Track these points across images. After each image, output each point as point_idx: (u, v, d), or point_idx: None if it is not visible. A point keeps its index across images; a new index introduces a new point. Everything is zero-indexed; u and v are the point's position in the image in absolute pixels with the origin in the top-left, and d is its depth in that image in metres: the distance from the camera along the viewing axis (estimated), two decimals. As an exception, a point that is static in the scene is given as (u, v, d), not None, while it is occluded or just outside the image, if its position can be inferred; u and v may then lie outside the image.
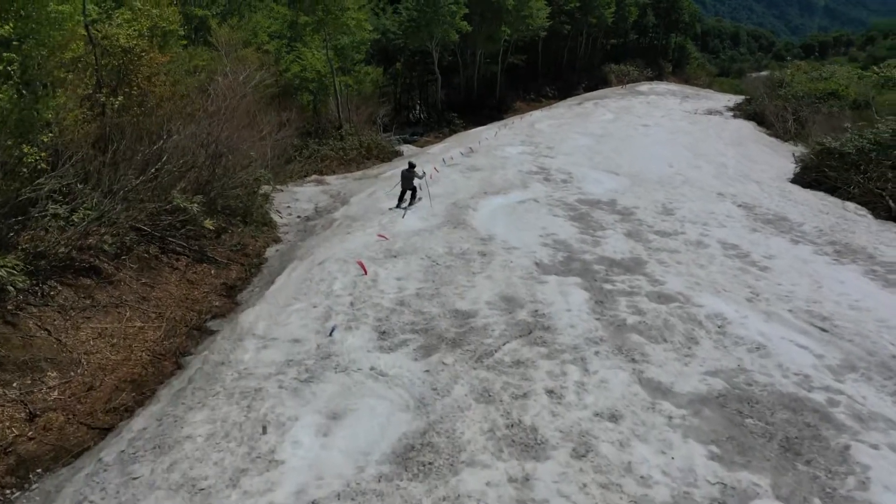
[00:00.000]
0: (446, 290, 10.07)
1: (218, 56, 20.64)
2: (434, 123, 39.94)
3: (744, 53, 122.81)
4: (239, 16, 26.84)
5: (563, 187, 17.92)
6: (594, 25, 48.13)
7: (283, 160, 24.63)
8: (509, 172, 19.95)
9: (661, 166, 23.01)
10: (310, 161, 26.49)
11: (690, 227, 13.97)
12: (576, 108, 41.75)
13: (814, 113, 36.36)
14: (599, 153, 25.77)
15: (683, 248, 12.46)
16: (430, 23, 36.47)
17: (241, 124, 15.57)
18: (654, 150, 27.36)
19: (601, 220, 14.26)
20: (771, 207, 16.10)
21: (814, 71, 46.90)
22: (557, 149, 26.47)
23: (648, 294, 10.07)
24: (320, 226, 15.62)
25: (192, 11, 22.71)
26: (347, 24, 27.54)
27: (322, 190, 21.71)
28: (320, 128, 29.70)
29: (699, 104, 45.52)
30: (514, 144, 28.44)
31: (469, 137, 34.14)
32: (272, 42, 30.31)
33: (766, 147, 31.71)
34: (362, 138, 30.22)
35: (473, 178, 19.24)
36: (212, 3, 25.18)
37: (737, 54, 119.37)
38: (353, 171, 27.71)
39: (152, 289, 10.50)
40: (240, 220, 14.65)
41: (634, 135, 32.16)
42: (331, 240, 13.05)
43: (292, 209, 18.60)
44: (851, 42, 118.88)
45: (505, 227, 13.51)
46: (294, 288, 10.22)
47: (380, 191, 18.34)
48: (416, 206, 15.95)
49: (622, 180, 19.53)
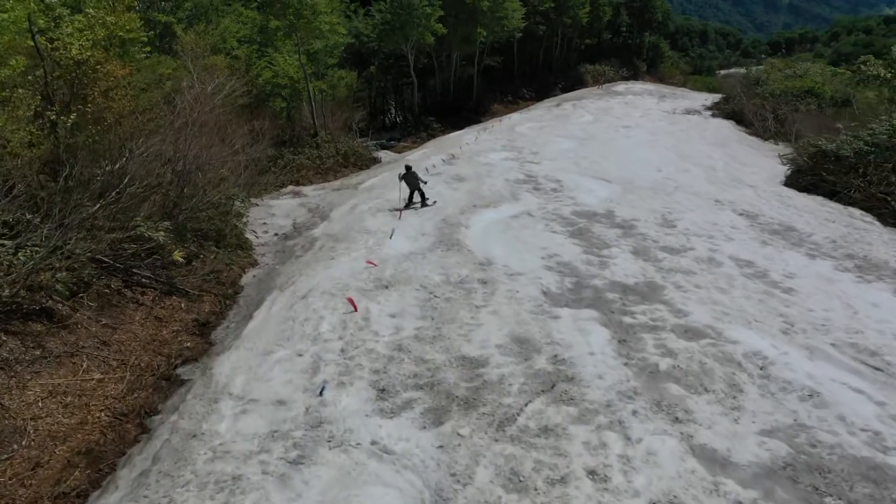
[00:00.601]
0: (449, 329, 8.97)
1: (184, 65, 19.29)
2: (411, 128, 38.87)
3: (712, 51, 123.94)
4: (206, 21, 25.41)
5: (556, 198, 17.02)
6: (569, 26, 47.51)
7: (257, 172, 23.38)
8: (497, 182, 19.00)
9: (650, 171, 22.31)
10: (285, 171, 25.25)
11: (697, 241, 13.15)
12: (554, 110, 41.05)
13: (792, 111, 36.17)
14: (585, 157, 25.01)
15: (697, 267, 11.58)
16: (404, 25, 35.40)
17: (210, 139, 14.34)
18: (640, 153, 26.71)
19: (603, 236, 13.37)
20: (774, 216, 15.41)
21: (787, 68, 46.96)
22: (542, 154, 25.62)
23: (674, 328, 9.08)
24: (300, 246, 14.48)
25: (155, 17, 21.28)
26: (320, 28, 26.31)
27: (300, 203, 20.51)
28: (295, 136, 28.44)
29: (677, 103, 45.19)
30: (497, 150, 27.53)
31: (448, 142, 33.17)
32: (242, 47, 28.98)
33: (749, 147, 31.34)
34: (339, 146, 29.04)
35: (460, 189, 18.24)
36: (177, 9, 23.74)
37: (706, 52, 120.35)
38: (331, 181, 26.53)
39: (114, 331, 9.28)
40: (212, 243, 13.44)
41: (616, 137, 31.52)
42: (313, 266, 11.90)
43: (269, 226, 17.40)
44: (817, 39, 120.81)
45: (503, 248, 12.51)
46: (275, 329, 9.06)
47: (362, 204, 17.27)
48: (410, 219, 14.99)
49: (614, 188, 18.72)
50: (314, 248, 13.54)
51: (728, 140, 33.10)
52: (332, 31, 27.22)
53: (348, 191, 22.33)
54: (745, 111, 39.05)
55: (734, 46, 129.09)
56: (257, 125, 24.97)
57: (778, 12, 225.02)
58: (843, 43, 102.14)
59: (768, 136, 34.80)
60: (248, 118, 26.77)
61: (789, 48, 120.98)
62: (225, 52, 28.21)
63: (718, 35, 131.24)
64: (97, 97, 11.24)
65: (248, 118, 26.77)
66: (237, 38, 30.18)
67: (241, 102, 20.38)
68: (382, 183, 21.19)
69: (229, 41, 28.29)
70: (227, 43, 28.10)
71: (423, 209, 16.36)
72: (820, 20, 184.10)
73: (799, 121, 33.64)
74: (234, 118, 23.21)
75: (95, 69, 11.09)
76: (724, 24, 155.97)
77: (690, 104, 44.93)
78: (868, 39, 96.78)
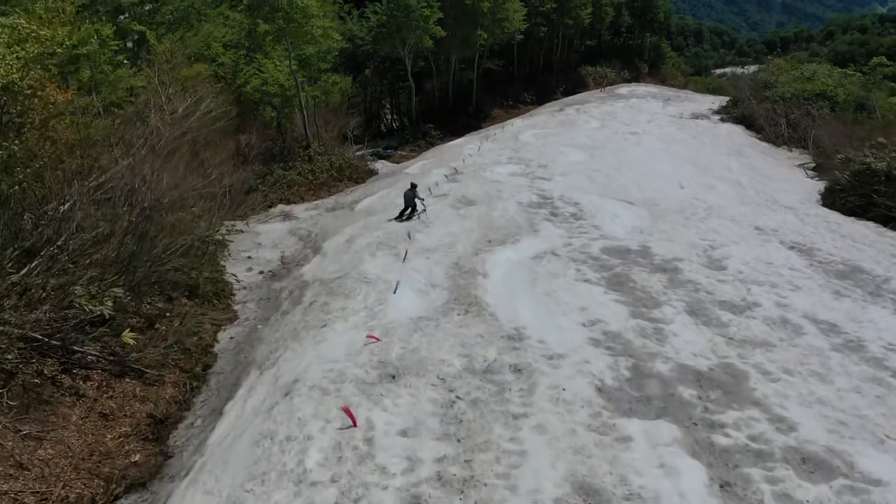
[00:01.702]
0: (482, 464, 6.52)
1: (159, 78, 16.87)
2: (409, 135, 36.54)
3: (707, 50, 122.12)
4: (187, 27, 22.99)
5: (579, 228, 14.79)
6: (570, 27, 45.23)
7: (243, 192, 21.06)
8: (509, 206, 16.74)
9: (671, 188, 20.13)
10: (275, 188, 22.93)
11: (758, 290, 10.92)
12: (558, 116, 38.80)
13: (804, 116, 34.14)
14: (598, 171, 22.80)
15: (774, 336, 9.29)
16: (401, 28, 33.04)
17: (184, 167, 12.03)
18: (655, 164, 24.53)
19: (647, 287, 11.12)
20: (832, 251, 13.22)
21: (793, 69, 44.88)
22: (551, 168, 23.38)
23: (787, 456, 6.66)
24: (288, 294, 12.21)
25: (128, 25, 18.83)
26: (312, 32, 23.95)
27: (290, 228, 18.20)
28: (286, 148, 26.07)
29: (683, 107, 43.03)
30: (503, 162, 25.28)
31: (449, 152, 30.89)
32: (229, 53, 26.59)
33: (765, 155, 29.21)
34: (333, 158, 26.70)
35: (470, 216, 15.97)
36: (154, 14, 21.31)
37: (700, 51, 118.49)
38: (325, 198, 24.21)
39: (38, 444, 6.99)
40: (184, 296, 11.17)
41: (627, 146, 29.32)
42: (302, 336, 9.59)
43: (253, 261, 15.11)
44: (812, 38, 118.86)
45: (533, 310, 10.17)
46: (247, 454, 6.66)
47: (359, 237, 15.01)
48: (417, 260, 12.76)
49: (639, 212, 16.52)
50: (304, 300, 11.26)
51: (742, 147, 30.96)
52: (324, 36, 24.84)
53: (343, 212, 20.06)
54: (756, 116, 36.94)
55: (729, 45, 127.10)
56: (244, 139, 22.69)
57: (771, 11, 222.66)
58: (839, 42, 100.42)
59: (781, 142, 32.74)
60: (234, 131, 24.47)
61: (784, 47, 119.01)
62: (209, 59, 25.86)
63: (713, 34, 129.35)
64: (32, 129, 8.91)
65: (234, 131, 24.47)
66: (223, 42, 27.80)
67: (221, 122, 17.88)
68: (381, 205, 18.90)
69: (214, 47, 25.91)
70: (212, 49, 25.72)
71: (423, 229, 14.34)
72: (813, 19, 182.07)
73: (813, 126, 31.61)
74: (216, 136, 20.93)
75: (29, 95, 8.76)
76: (718, 24, 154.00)
77: (697, 108, 42.76)
78: (864, 38, 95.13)
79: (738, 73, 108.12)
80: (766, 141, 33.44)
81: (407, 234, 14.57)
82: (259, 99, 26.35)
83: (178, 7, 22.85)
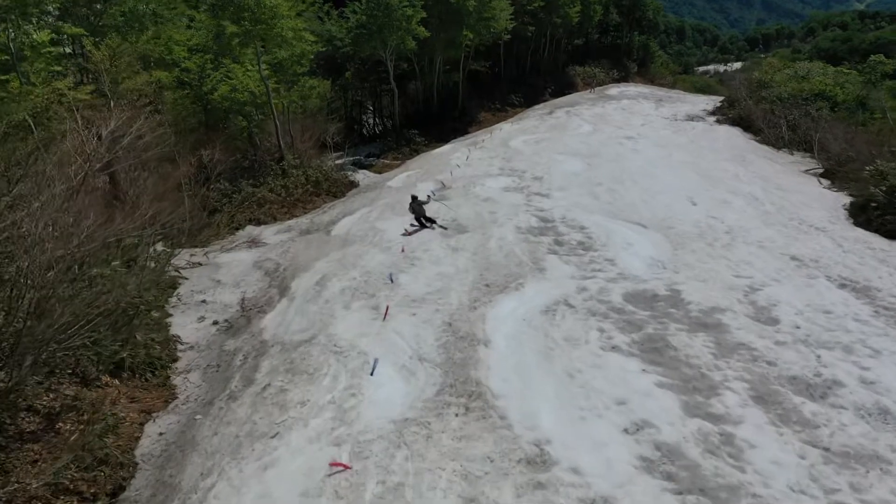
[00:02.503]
0: None
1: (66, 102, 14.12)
2: (392, 142, 34.00)
3: (690, 48, 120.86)
4: (138, 30, 20.29)
5: (591, 263, 12.38)
6: (558, 26, 42.93)
7: (203, 216, 18.52)
8: (507, 233, 14.33)
9: (683, 204, 17.91)
10: (243, 208, 20.37)
11: (830, 358, 8.42)
12: (548, 119, 36.50)
13: (803, 116, 32.20)
14: (599, 184, 20.53)
15: (881, 443, 6.81)
16: (382, 28, 30.54)
17: (104, 211, 9.50)
18: (658, 174, 22.33)
19: (693, 357, 8.59)
20: (893, 291, 11.01)
21: (786, 68, 43.00)
22: (548, 181, 21.07)
23: None
24: (241, 359, 9.73)
25: (61, 28, 16.11)
26: (283, 34, 21.38)
27: (256, 259, 15.67)
28: (257, 161, 23.49)
29: (676, 108, 40.97)
30: (494, 174, 22.92)
31: (435, 161, 28.49)
32: (194, 57, 23.93)
33: (769, 161, 27.11)
34: (309, 171, 24.17)
35: (462, 248, 13.51)
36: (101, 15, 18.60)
37: (683, 49, 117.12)
38: (300, 216, 21.71)
39: None
40: (107, 369, 8.67)
41: (623, 152, 27.11)
42: (243, 453, 6.99)
43: (208, 306, 12.58)
44: (793, 34, 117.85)
45: (555, 409, 7.50)
46: None
47: (333, 280, 12.50)
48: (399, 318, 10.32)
49: (654, 237, 14.22)
50: (257, 378, 8.75)
51: (743, 151, 28.89)
52: (297, 38, 22.26)
53: (318, 236, 17.58)
54: (754, 117, 34.95)
55: (711, 43, 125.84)
56: (207, 155, 20.13)
57: (751, 8, 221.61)
58: (822, 38, 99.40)
59: (782, 145, 30.77)
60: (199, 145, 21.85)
61: (766, 44, 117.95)
62: (170, 64, 23.20)
63: (695, 32, 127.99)
64: None
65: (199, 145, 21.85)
66: (189, 46, 25.13)
67: (165, 145, 15.26)
68: (360, 231, 16.41)
69: (176, 51, 23.25)
70: (174, 53, 23.05)
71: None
72: (793, 16, 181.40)
73: (816, 128, 29.66)
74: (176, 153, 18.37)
75: None
76: (700, 21, 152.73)
77: (690, 109, 40.69)
78: (846, 35, 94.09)
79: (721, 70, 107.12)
80: (765, 143, 31.45)
81: (389, 277, 12.12)
82: (228, 108, 23.79)
83: (131, 9, 20.16)
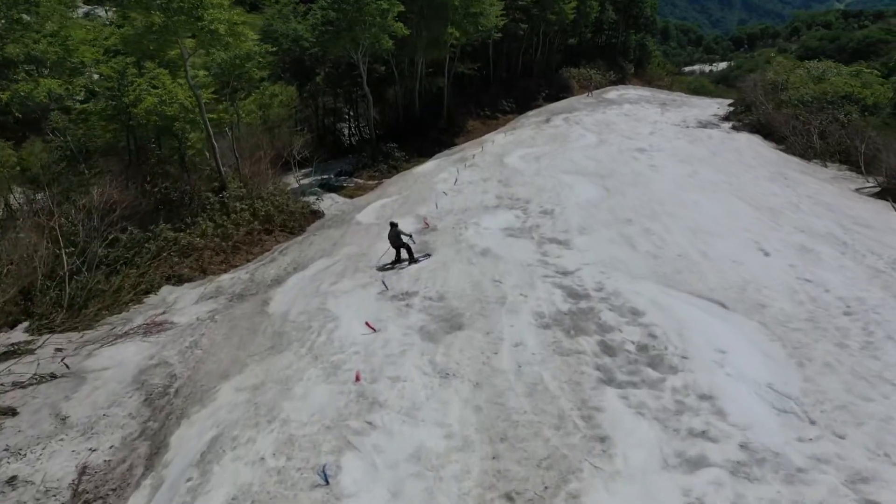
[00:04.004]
0: None
1: None
2: (367, 158, 28.34)
3: (675, 48, 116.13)
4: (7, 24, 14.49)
5: (681, 413, 6.94)
6: (552, 23, 37.49)
7: (91, 279, 12.83)
8: (524, 334, 8.82)
9: (753, 256, 12.61)
10: (160, 262, 14.72)
11: None
12: (545, 128, 31.02)
13: (831, 122, 27.18)
14: (628, 220, 15.25)
15: None
16: (353, 25, 24.86)
17: None
18: (696, 203, 17.15)
19: None
20: None
21: (797, 68, 37.89)
22: (562, 216, 15.70)
23: None
24: None
25: None
26: (213, 29, 15.68)
27: (144, 364, 10.01)
28: (188, 194, 17.75)
29: (683, 113, 35.69)
30: (490, 206, 17.48)
31: (417, 183, 22.95)
32: (114, 61, 18.15)
33: (811, 177, 21.94)
34: (257, 203, 18.51)
35: (455, 377, 7.81)
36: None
37: (669, 49, 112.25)
38: (240, 266, 16.15)
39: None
40: None
41: (641, 170, 21.79)
42: None
43: (18, 489, 7.06)
44: (778, 34, 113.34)
45: None
46: None
47: (230, 452, 6.97)
48: None
49: (751, 331, 8.86)
50: None
51: (778, 166, 23.71)
52: (233, 35, 16.54)
53: (251, 308, 12.06)
54: (775, 123, 29.83)
55: (695, 43, 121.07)
56: (98, 193, 14.39)
57: (733, 8, 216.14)
58: (809, 37, 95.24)
59: (812, 156, 25.68)
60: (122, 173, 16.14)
61: (751, 44, 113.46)
62: (72, 70, 17.44)
63: (679, 32, 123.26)
64: None
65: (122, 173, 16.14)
66: (107, 47, 19.38)
67: None
68: (305, 314, 10.86)
69: (82, 52, 17.47)
70: (76, 56, 17.27)
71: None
72: (773, 16, 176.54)
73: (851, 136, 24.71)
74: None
75: None
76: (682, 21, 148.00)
77: (699, 114, 35.45)
78: (833, 34, 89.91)
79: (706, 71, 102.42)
80: (790, 153, 26.39)
81: (321, 473, 6.40)
82: (156, 125, 18.09)
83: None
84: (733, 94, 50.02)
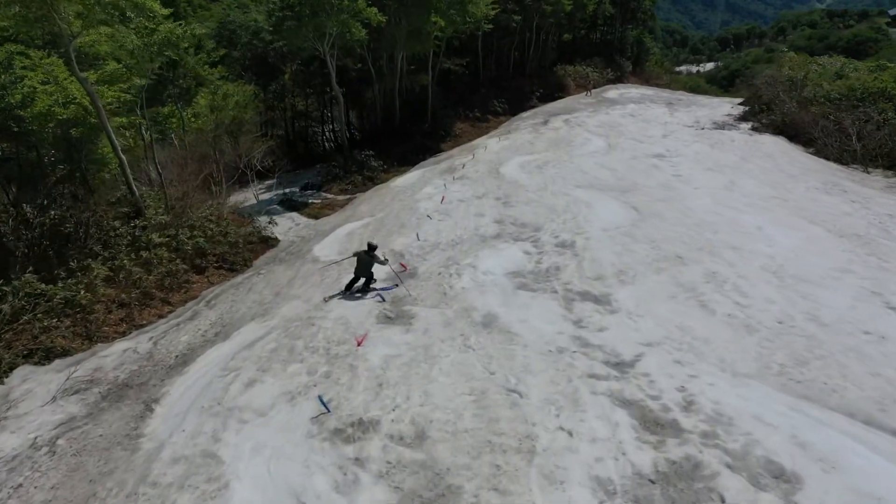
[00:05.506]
0: None
1: None
2: (338, 168, 23.54)
3: (661, 49, 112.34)
4: None
5: None
6: (548, 15, 32.93)
7: None
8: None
9: (887, 322, 8.11)
10: (26, 326, 9.93)
11: None
12: (544, 131, 26.41)
13: (865, 122, 22.91)
14: (679, 258, 10.72)
15: None
16: (316, 12, 20.07)
17: None
18: (759, 230, 12.66)
19: None
20: None
21: (811, 64, 33.60)
22: (587, 252, 11.11)
23: None
24: None
25: None
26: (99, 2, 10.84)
27: None
28: (82, 225, 12.82)
29: (693, 114, 31.23)
30: (488, 234, 12.84)
31: (394, 200, 18.22)
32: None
33: (866, 187, 17.59)
34: (182, 235, 13.64)
35: None
36: None
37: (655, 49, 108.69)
38: (146, 327, 11.33)
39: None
40: None
41: (667, 181, 17.37)
42: None
43: None
44: (764, 34, 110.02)
45: None
46: None
47: None
48: None
49: None
50: None
51: (822, 173, 19.43)
52: (132, 8, 11.69)
53: (126, 420, 7.45)
54: (801, 123, 25.46)
55: (681, 44, 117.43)
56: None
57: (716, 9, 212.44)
58: (797, 37, 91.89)
59: (850, 160, 21.40)
60: None
61: (737, 44, 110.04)
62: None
63: (665, 33, 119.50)
64: None
65: None
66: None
67: None
68: (198, 445, 6.25)
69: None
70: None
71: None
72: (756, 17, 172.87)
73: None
74: None
75: None
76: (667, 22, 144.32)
77: (711, 114, 31.02)
78: (822, 32, 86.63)
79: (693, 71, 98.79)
80: (821, 156, 22.16)
81: None
82: (51, 135, 13.29)
83: None
84: (733, 93, 45.96)
